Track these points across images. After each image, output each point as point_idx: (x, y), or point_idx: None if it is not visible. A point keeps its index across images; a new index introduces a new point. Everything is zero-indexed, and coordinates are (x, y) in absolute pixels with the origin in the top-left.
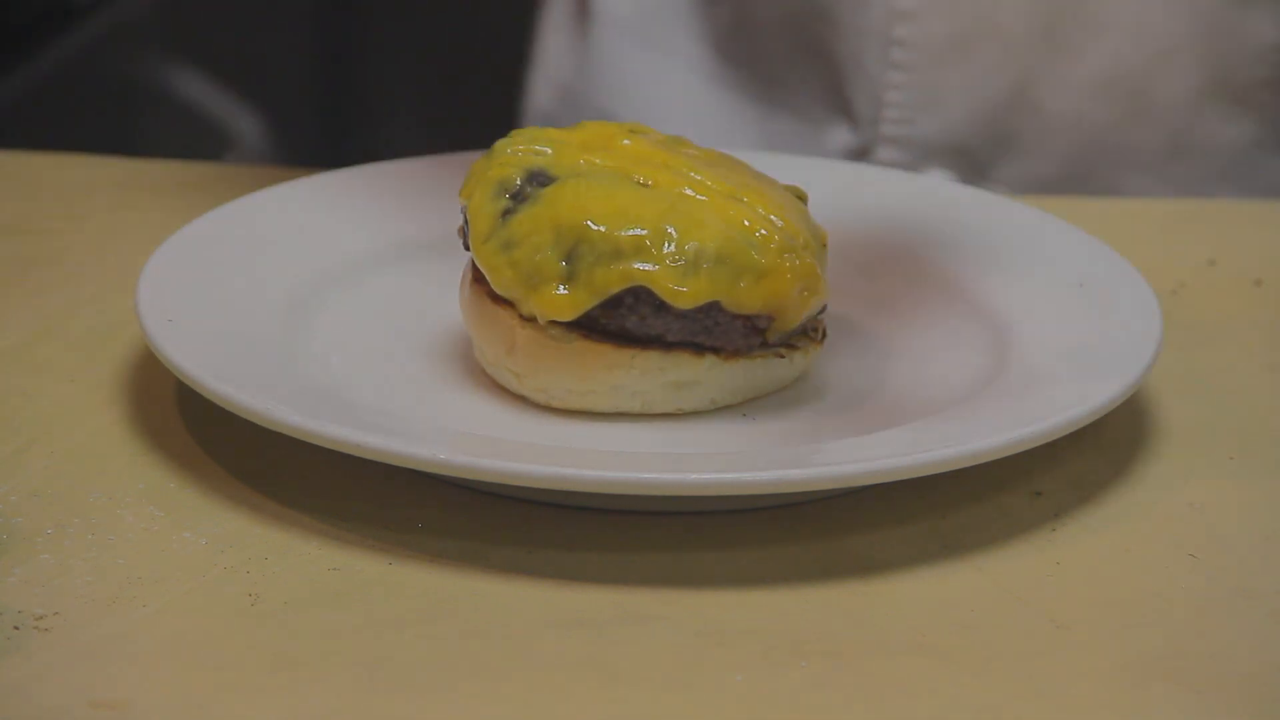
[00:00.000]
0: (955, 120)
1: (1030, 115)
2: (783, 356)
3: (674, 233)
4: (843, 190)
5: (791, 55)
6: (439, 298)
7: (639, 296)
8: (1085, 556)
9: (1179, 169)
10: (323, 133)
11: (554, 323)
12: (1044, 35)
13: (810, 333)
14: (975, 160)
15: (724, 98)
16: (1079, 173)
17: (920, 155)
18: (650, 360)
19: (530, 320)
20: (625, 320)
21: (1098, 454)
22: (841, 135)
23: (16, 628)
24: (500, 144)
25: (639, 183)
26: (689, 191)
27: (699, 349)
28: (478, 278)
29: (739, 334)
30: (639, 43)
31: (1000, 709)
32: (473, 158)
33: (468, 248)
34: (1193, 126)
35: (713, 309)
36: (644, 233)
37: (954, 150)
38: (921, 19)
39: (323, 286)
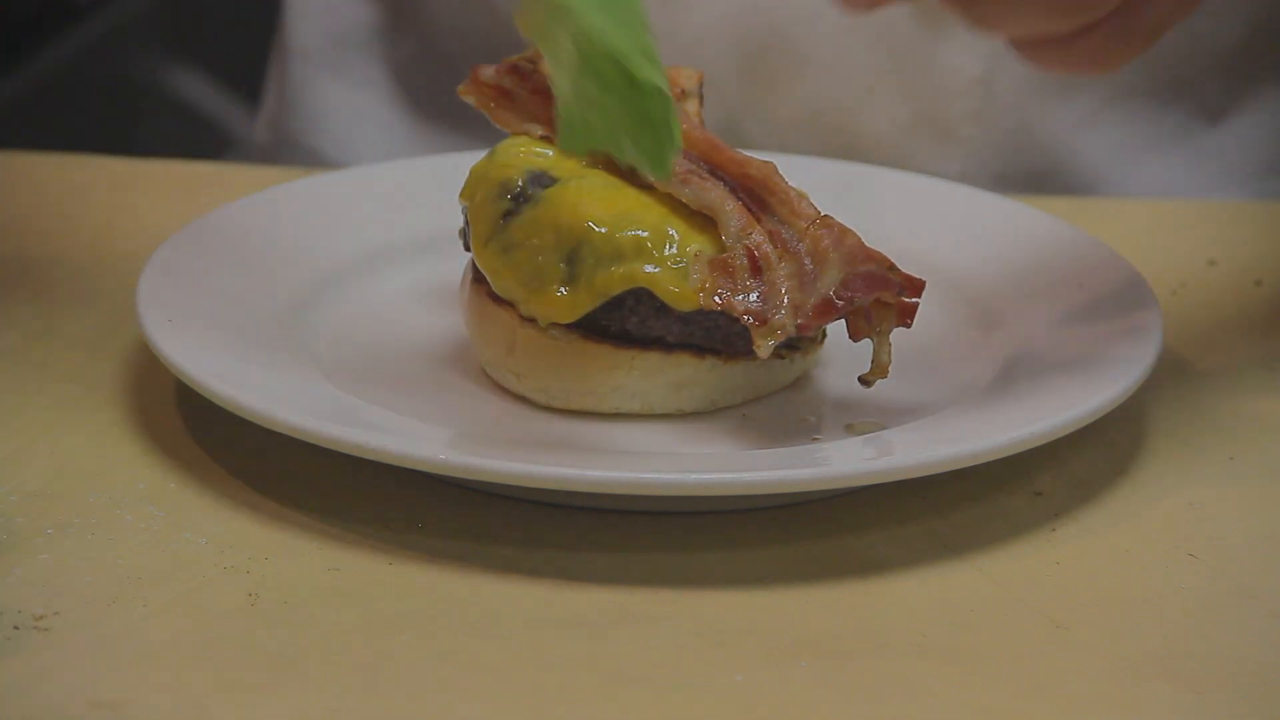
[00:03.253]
0: None
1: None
2: (783, 357)
3: (675, 235)
4: (841, 191)
5: None
6: (439, 298)
7: (640, 298)
8: (1085, 556)
9: None
10: None
11: (555, 324)
12: (747, 72)
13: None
14: None
15: (418, 128)
16: None
17: None
18: (651, 361)
19: (531, 321)
20: (626, 322)
21: (1098, 454)
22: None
23: (16, 627)
24: (502, 145)
25: (641, 185)
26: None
27: (700, 350)
28: (478, 278)
29: (740, 335)
30: (329, 73)
31: (1000, 709)
32: (473, 158)
33: (468, 248)
34: (901, 161)
35: (714, 310)
36: (645, 235)
37: None
38: None
39: (323, 286)
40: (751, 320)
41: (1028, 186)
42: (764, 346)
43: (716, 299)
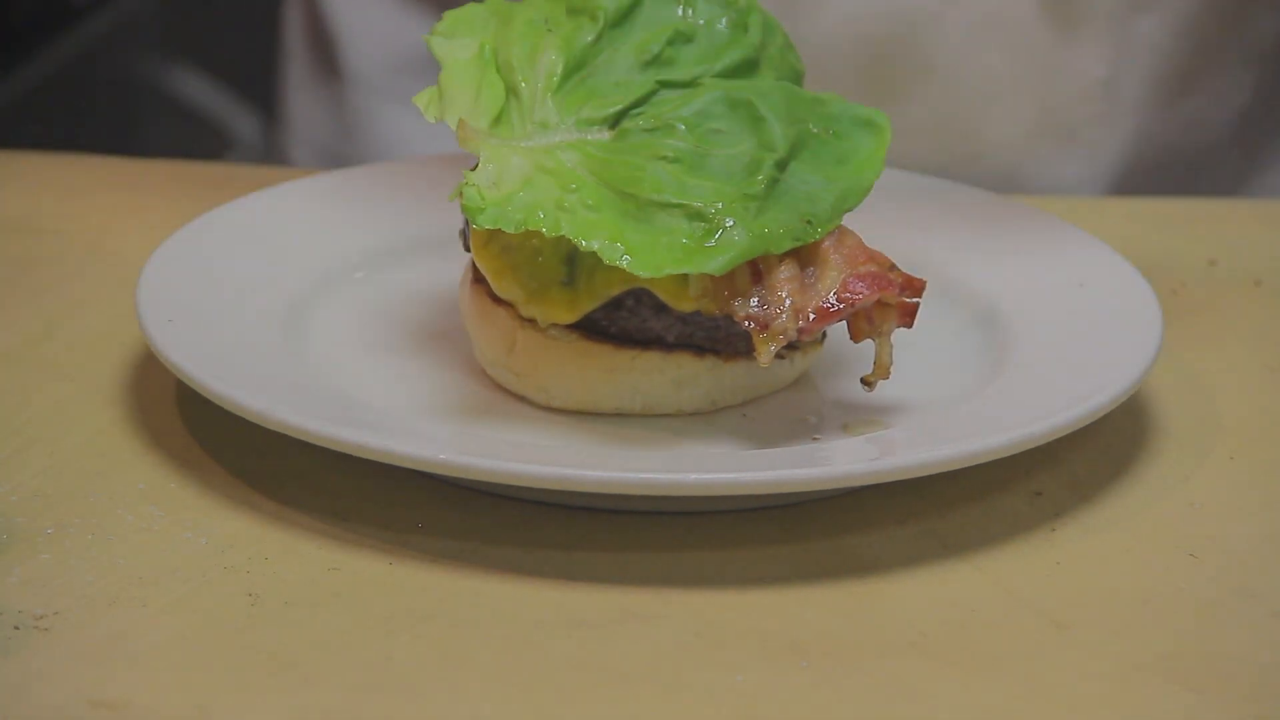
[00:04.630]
0: None
1: None
2: (783, 357)
3: None
4: None
5: None
6: (439, 298)
7: (640, 298)
8: (1085, 556)
9: None
10: None
11: (555, 324)
12: (870, 80)
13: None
14: None
15: None
16: None
17: None
18: (651, 361)
19: (530, 321)
20: (626, 322)
21: (1098, 454)
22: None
23: (17, 627)
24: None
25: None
26: None
27: (699, 350)
28: (478, 278)
29: (740, 335)
30: (393, 100)
31: (1000, 709)
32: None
33: (468, 249)
34: (1022, 166)
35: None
36: None
37: None
38: None
39: (323, 286)
40: (753, 326)
41: (1149, 188)
42: (766, 353)
43: (717, 305)
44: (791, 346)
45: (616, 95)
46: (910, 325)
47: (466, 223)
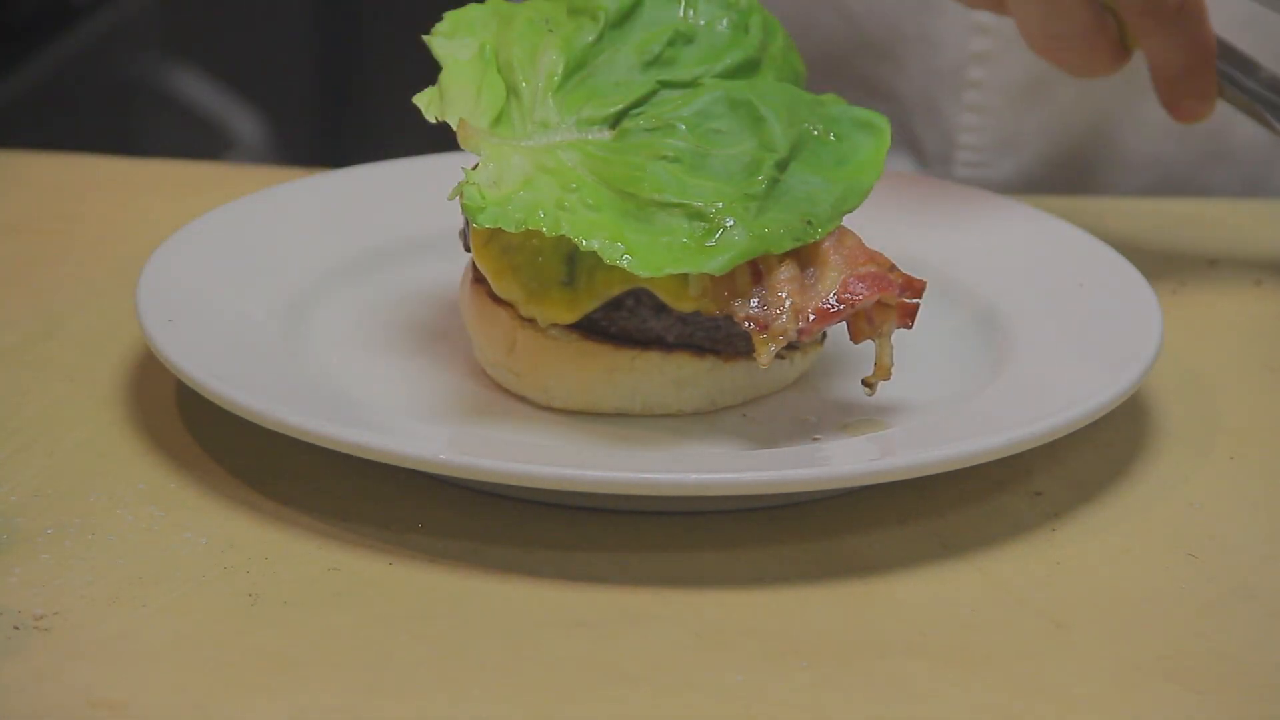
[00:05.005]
0: (1031, 161)
1: (1108, 155)
2: (783, 358)
3: None
4: None
5: (845, 91)
6: (439, 298)
7: (640, 298)
8: (1085, 556)
9: None
10: (323, 133)
11: (555, 324)
12: (1123, 75)
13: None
14: None
15: None
16: None
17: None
18: (651, 361)
19: (530, 321)
20: (626, 322)
21: (1098, 454)
22: (906, 170)
23: (16, 627)
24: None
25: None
26: None
27: (699, 350)
28: (478, 278)
29: (739, 335)
30: None
31: (1000, 709)
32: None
33: (468, 249)
34: (1271, 168)
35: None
36: None
37: (1030, 191)
38: (998, 61)
39: (322, 286)
40: (753, 326)
41: None
42: (765, 354)
43: (717, 305)
44: (791, 347)
45: (617, 95)
46: (910, 326)
47: (466, 223)
